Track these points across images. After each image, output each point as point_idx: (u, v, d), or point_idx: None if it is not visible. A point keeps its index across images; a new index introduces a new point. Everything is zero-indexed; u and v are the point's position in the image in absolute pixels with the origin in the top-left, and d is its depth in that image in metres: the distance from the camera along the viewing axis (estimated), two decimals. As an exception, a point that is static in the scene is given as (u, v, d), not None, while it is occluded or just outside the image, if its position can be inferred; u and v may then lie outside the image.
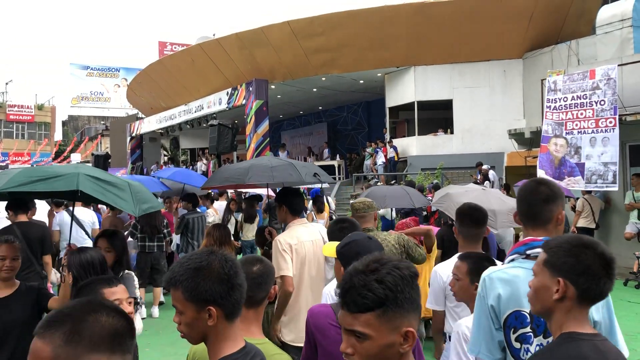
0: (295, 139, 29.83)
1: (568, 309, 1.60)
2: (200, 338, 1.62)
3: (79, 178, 3.20)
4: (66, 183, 3.18)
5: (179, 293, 1.59)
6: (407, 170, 17.69)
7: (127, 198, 3.38)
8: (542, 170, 10.48)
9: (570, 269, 1.59)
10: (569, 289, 1.59)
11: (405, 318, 1.31)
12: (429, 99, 18.06)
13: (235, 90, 20.69)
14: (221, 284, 1.57)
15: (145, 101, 29.67)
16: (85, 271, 3.03)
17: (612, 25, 12.82)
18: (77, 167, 3.49)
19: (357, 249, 2.34)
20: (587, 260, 1.58)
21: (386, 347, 1.30)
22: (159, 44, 44.18)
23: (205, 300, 1.56)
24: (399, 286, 1.30)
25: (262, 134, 19.59)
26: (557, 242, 1.66)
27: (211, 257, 1.62)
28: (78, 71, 48.55)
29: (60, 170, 3.28)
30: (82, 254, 3.11)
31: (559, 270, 1.61)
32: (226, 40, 20.37)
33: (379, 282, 1.29)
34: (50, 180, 3.16)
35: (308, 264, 3.94)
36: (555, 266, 1.62)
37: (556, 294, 1.60)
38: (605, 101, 9.70)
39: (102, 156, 23.85)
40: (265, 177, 4.59)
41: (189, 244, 8.25)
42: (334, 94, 23.21)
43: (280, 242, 3.87)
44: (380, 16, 17.16)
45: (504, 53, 17.14)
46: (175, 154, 33.11)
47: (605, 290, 1.59)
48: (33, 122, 42.83)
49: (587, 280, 1.57)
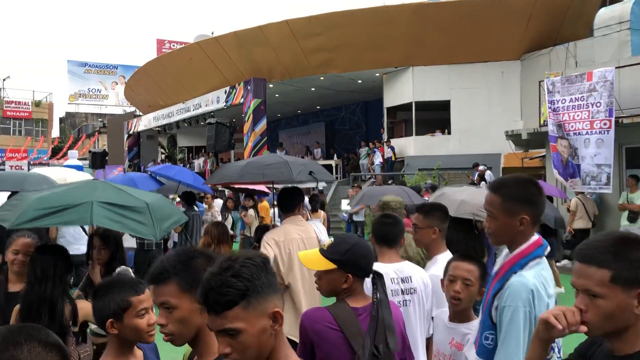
0: (292, 138, 29.81)
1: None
2: (192, 336, 1.57)
3: (92, 209, 3.03)
4: (80, 216, 3.04)
5: (172, 286, 1.57)
6: (405, 170, 17.71)
7: (147, 221, 3.21)
8: (556, 170, 10.51)
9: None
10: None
11: (268, 301, 1.36)
12: (426, 99, 18.08)
13: (233, 89, 20.67)
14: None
15: (143, 99, 29.61)
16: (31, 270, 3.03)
17: (610, 28, 12.87)
18: (88, 189, 3.28)
19: (362, 251, 2.29)
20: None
21: (260, 334, 1.35)
22: (157, 42, 44.12)
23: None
24: (255, 274, 1.34)
25: (260, 132, 19.58)
26: (614, 256, 1.47)
27: (196, 251, 1.64)
28: (76, 68, 48.41)
29: (71, 200, 3.12)
30: (35, 254, 3.09)
31: (637, 282, 1.44)
32: (225, 39, 20.35)
33: (236, 277, 1.33)
34: (62, 213, 3.02)
35: (298, 261, 3.93)
36: (631, 280, 1.44)
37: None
38: (601, 103, 9.73)
39: (100, 153, 23.80)
40: (257, 175, 4.62)
41: (187, 241, 8.24)
42: (332, 94, 23.21)
43: (266, 240, 3.95)
44: (379, 16, 17.17)
45: (502, 54, 17.17)
46: (173, 152, 33.07)
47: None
48: (30, 119, 42.68)
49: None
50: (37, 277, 2.99)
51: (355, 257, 2.26)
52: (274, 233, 3.99)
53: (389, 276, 2.87)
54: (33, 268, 3.02)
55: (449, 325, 2.71)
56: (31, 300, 2.95)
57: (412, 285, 2.94)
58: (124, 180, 8.14)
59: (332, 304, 2.30)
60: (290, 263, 3.90)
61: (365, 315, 2.22)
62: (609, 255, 1.45)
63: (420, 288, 2.96)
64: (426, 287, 3.00)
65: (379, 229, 3.03)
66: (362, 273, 2.29)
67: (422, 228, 3.28)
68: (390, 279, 2.88)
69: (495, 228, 2.13)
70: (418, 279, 2.98)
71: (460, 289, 2.58)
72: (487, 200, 2.15)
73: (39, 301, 2.96)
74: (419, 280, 2.98)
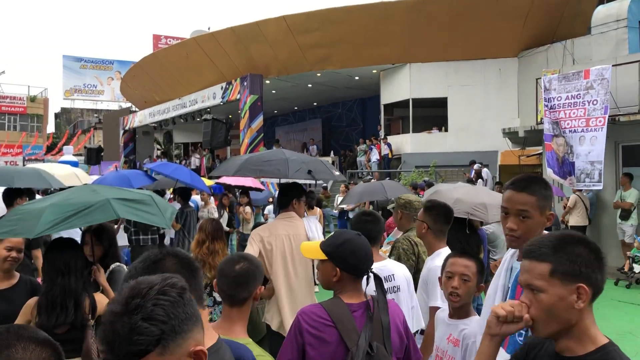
0: (289, 134, 29.77)
1: (586, 313, 1.49)
2: None
3: (112, 205, 3.06)
4: (104, 212, 3.04)
5: None
6: (401, 167, 17.70)
7: (156, 212, 3.29)
8: (551, 170, 10.51)
9: (584, 270, 1.47)
10: (587, 293, 1.47)
11: (188, 339, 1.15)
12: (424, 96, 18.05)
13: (229, 85, 20.60)
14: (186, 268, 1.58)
15: (139, 94, 29.50)
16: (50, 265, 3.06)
17: (607, 26, 12.85)
18: (97, 191, 3.29)
19: (353, 247, 2.28)
20: (594, 256, 1.49)
21: None
22: (153, 37, 43.95)
23: None
24: (171, 313, 1.12)
25: (256, 129, 19.52)
26: (553, 250, 1.51)
27: (162, 252, 1.61)
28: (71, 63, 48.17)
29: (86, 199, 3.10)
30: (52, 249, 3.11)
31: (576, 277, 1.47)
32: (221, 35, 20.26)
33: (148, 320, 1.09)
34: (83, 213, 2.99)
35: (282, 257, 3.95)
36: (571, 274, 1.47)
37: (580, 302, 1.46)
38: (597, 101, 9.74)
39: (95, 149, 23.69)
40: (254, 170, 4.63)
41: (184, 237, 8.25)
42: (329, 90, 23.16)
43: (252, 235, 4.02)
44: (376, 13, 17.12)
45: (499, 52, 17.16)
46: (169, 148, 32.96)
47: (603, 284, 1.51)
48: (25, 114, 42.45)
49: (598, 277, 1.48)
50: (60, 270, 3.04)
51: (344, 252, 2.27)
52: (261, 229, 4.06)
53: None
54: (53, 262, 3.05)
55: (449, 322, 2.71)
56: (55, 294, 2.99)
57: (395, 283, 2.96)
58: (117, 177, 8.10)
59: (326, 300, 2.29)
60: (273, 259, 3.93)
61: (360, 312, 2.21)
62: (549, 250, 1.51)
63: (403, 285, 2.99)
64: (408, 283, 3.03)
65: (359, 227, 2.99)
66: (351, 269, 2.26)
67: (419, 221, 3.40)
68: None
69: (530, 228, 2.08)
70: (401, 277, 3.00)
71: (458, 285, 2.59)
72: (519, 201, 2.09)
73: (65, 294, 3.01)
74: (402, 278, 3.01)
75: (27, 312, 2.99)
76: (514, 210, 2.10)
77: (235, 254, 2.30)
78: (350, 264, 2.27)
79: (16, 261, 3.28)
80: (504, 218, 2.15)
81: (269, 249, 3.93)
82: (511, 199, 2.11)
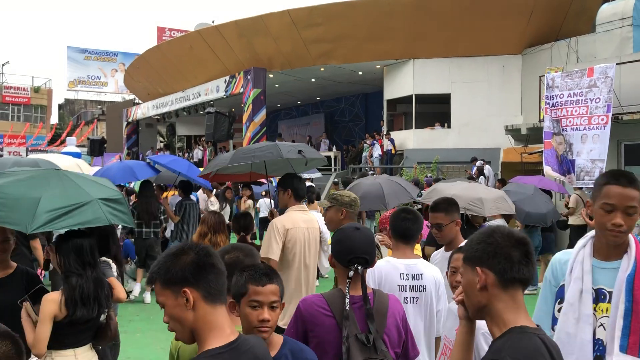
0: (292, 129, 29.75)
1: (496, 296, 1.56)
2: (189, 332, 1.57)
3: (102, 207, 3.14)
4: (95, 216, 3.09)
5: (157, 285, 1.58)
6: (403, 163, 17.71)
7: (126, 210, 3.39)
8: (549, 167, 10.51)
9: (483, 254, 1.58)
10: (488, 275, 1.56)
11: None
12: (427, 92, 18.03)
13: (233, 78, 20.60)
14: (192, 265, 1.54)
15: (143, 86, 29.52)
16: (76, 257, 3.03)
17: (612, 24, 12.83)
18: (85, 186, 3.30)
19: (339, 236, 2.38)
20: (495, 242, 1.57)
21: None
22: (157, 30, 43.93)
23: (178, 282, 1.53)
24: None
25: (259, 123, 19.54)
26: (470, 237, 1.70)
27: (185, 247, 1.61)
28: (75, 55, 48.17)
29: (76, 196, 3.13)
30: (72, 240, 3.06)
31: (476, 261, 1.59)
32: (225, 28, 20.25)
33: None
34: (75, 213, 3.03)
35: (300, 249, 3.97)
36: (472, 258, 1.61)
37: (478, 284, 1.57)
38: (600, 99, 9.73)
39: (98, 141, 23.72)
40: (247, 157, 4.66)
41: (183, 230, 8.27)
42: (332, 85, 23.15)
43: (277, 225, 3.90)
44: (380, 8, 17.09)
45: (503, 48, 17.11)
46: (172, 141, 32.99)
47: (525, 271, 1.55)
48: (29, 105, 42.48)
49: (500, 262, 1.55)
50: (89, 263, 3.04)
51: (333, 242, 2.37)
52: (284, 220, 3.98)
53: (399, 271, 2.90)
54: (79, 254, 3.02)
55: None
56: (88, 287, 2.98)
57: (422, 283, 2.92)
58: (121, 167, 8.12)
59: (328, 291, 2.36)
60: (293, 251, 3.93)
61: (359, 304, 2.26)
62: (468, 240, 1.70)
63: (430, 287, 2.94)
64: (438, 286, 2.98)
65: (397, 224, 3.02)
66: (338, 258, 2.35)
67: (447, 224, 3.35)
68: (400, 274, 2.89)
69: (634, 223, 2.06)
70: (429, 278, 2.95)
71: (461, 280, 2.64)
72: (628, 196, 2.03)
73: (97, 287, 3.03)
74: (431, 279, 2.95)
75: (53, 308, 2.90)
76: (622, 207, 2.03)
77: (228, 245, 2.34)
78: (336, 251, 2.37)
79: (3, 251, 3.18)
80: (605, 214, 2.05)
81: (294, 241, 3.92)
82: (620, 194, 2.03)
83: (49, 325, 2.87)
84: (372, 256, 2.37)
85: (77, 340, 3.02)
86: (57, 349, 2.94)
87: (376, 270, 2.86)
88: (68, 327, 2.94)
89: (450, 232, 3.37)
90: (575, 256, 2.17)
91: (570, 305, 2.11)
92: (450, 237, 3.38)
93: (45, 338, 2.85)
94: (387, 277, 2.87)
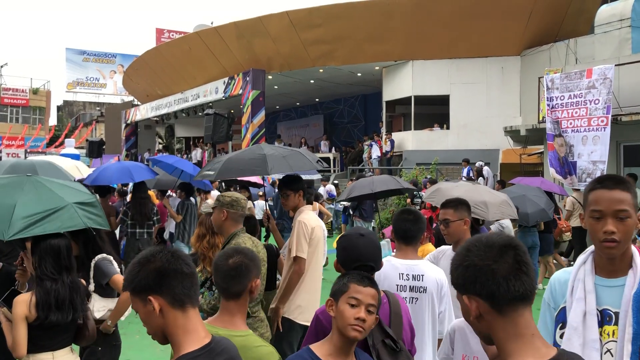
0: (291, 130, 29.75)
1: (495, 324, 1.30)
2: (162, 335, 1.58)
3: (77, 212, 3.17)
4: (72, 221, 3.12)
5: (129, 294, 1.61)
6: (402, 164, 17.70)
7: (100, 212, 3.44)
8: (553, 169, 10.51)
9: (465, 281, 1.32)
10: (479, 303, 1.30)
11: None
12: (426, 93, 18.03)
13: (232, 80, 20.59)
14: (155, 273, 1.54)
15: (141, 88, 29.50)
16: (53, 262, 2.97)
17: (610, 25, 12.82)
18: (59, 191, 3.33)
19: (343, 243, 2.39)
20: (472, 263, 1.31)
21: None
22: (156, 31, 43.90)
23: (143, 290, 1.54)
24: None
25: (258, 124, 19.53)
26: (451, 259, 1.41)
27: (150, 254, 1.60)
28: (74, 56, 48.16)
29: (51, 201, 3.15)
30: (49, 242, 3.00)
31: (460, 289, 1.35)
32: (224, 29, 20.24)
33: None
34: (51, 218, 3.03)
35: (321, 247, 4.13)
36: (457, 286, 1.36)
37: (472, 314, 1.33)
38: (599, 100, 9.73)
39: (97, 142, 23.72)
40: (235, 171, 4.73)
41: (185, 230, 8.32)
42: (331, 86, 23.15)
43: (306, 225, 3.94)
44: (380, 9, 17.09)
45: (502, 50, 17.12)
46: (170, 142, 32.98)
47: (518, 285, 1.27)
48: (28, 106, 42.43)
49: (484, 285, 1.28)
50: (65, 267, 2.99)
51: (338, 246, 2.41)
52: (312, 219, 4.07)
53: (398, 271, 2.91)
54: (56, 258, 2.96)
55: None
56: (64, 293, 2.94)
57: (422, 284, 2.92)
58: (119, 168, 8.09)
59: None
60: (317, 250, 4.03)
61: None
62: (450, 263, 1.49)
63: (432, 288, 2.92)
64: (440, 288, 2.95)
65: (398, 225, 3.02)
66: (344, 266, 2.35)
67: (454, 221, 3.37)
68: (399, 274, 2.90)
69: (632, 227, 1.84)
70: (431, 279, 2.93)
71: None
72: (616, 199, 1.82)
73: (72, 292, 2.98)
74: (432, 281, 2.93)
75: (24, 309, 2.85)
76: (610, 211, 1.81)
77: (230, 248, 2.34)
78: (339, 259, 2.39)
79: None
80: (595, 223, 1.85)
81: (313, 239, 3.99)
82: (606, 198, 1.82)
83: (24, 327, 2.83)
84: (377, 262, 2.38)
85: (54, 342, 2.97)
86: (34, 352, 2.89)
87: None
88: (41, 329, 2.90)
89: (458, 231, 3.37)
90: (576, 274, 1.94)
91: (573, 329, 1.87)
92: (458, 235, 3.37)
93: (23, 340, 2.82)
94: (386, 277, 2.88)
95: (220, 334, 1.93)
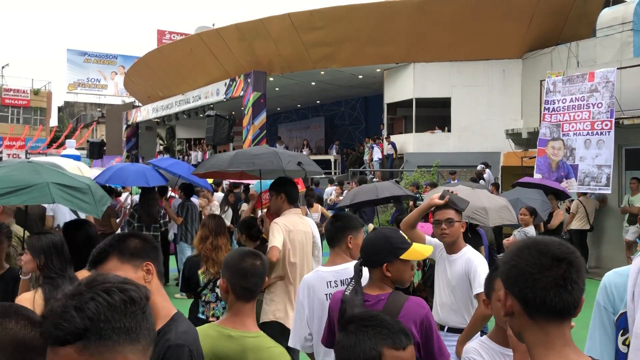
0: (292, 132, 29.77)
1: (525, 327, 1.30)
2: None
3: (50, 189, 3.21)
4: (41, 194, 3.20)
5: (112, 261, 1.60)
6: (403, 167, 17.70)
7: (90, 200, 3.49)
8: (540, 175, 10.51)
9: (507, 277, 1.32)
10: (513, 302, 1.31)
11: (116, 352, 1.03)
12: (427, 96, 18.04)
13: (233, 82, 20.60)
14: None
15: (142, 89, 29.51)
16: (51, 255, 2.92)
17: (612, 29, 12.84)
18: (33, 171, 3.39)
19: (365, 241, 2.49)
20: (519, 264, 1.30)
21: None
22: (157, 33, 43.98)
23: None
24: (104, 315, 1.03)
25: (259, 126, 19.53)
26: (506, 250, 1.44)
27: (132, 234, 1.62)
28: (75, 57, 48.21)
29: (28, 178, 3.23)
30: (48, 238, 2.96)
31: (504, 283, 1.35)
32: (225, 31, 20.26)
33: (78, 310, 1.03)
34: (21, 192, 3.11)
35: (302, 253, 4.02)
36: (502, 278, 1.37)
37: (503, 309, 1.34)
38: (602, 104, 9.73)
39: (98, 144, 23.71)
40: (246, 164, 4.66)
41: (187, 231, 8.35)
42: (332, 89, 23.15)
43: (279, 224, 3.93)
44: (381, 12, 17.11)
45: (503, 53, 17.13)
46: (171, 144, 32.99)
47: (557, 300, 1.24)
48: (29, 107, 42.46)
49: (523, 289, 1.27)
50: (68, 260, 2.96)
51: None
52: (286, 221, 3.97)
53: (325, 280, 2.86)
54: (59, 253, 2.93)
55: None
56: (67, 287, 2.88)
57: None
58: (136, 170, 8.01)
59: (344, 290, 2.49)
60: (294, 252, 3.96)
61: (373, 303, 2.31)
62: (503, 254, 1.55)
63: None
64: None
65: (325, 231, 3.04)
66: (363, 259, 2.42)
67: (457, 221, 3.43)
68: (327, 282, 2.85)
69: None
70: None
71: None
72: None
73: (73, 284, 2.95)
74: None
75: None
76: None
77: (245, 250, 2.31)
78: (361, 253, 2.48)
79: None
80: None
81: (291, 241, 3.94)
82: None
83: None
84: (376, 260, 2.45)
85: None
86: None
87: (305, 282, 2.93)
88: None
89: (458, 231, 3.42)
90: (635, 280, 1.80)
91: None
92: (456, 235, 3.42)
93: None
94: (314, 289, 2.87)
95: (233, 336, 1.92)
